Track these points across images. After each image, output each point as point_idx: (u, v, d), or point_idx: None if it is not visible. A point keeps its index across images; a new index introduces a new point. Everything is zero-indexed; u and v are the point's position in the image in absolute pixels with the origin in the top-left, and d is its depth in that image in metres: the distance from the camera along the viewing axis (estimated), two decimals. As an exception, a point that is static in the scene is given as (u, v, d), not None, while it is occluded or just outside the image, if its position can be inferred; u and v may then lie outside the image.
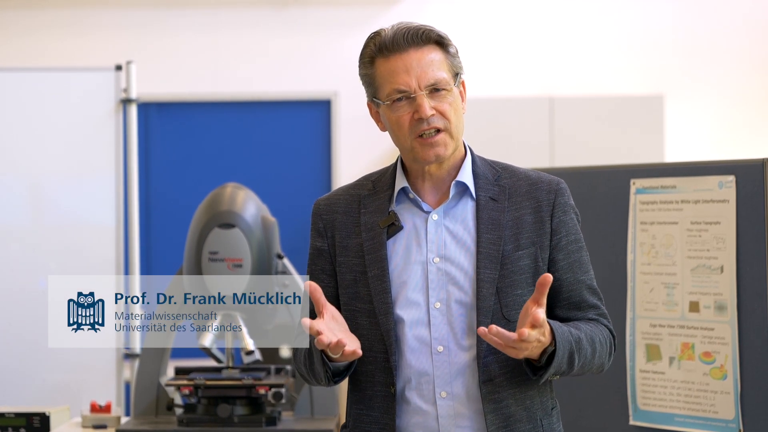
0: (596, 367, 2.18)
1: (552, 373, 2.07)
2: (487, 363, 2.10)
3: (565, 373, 2.10)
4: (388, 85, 2.12)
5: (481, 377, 2.09)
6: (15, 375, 4.43)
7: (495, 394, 2.10)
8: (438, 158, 2.12)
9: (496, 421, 2.10)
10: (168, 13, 6.54)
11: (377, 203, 2.19)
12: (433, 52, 2.12)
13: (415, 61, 2.11)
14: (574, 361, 2.09)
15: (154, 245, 6.44)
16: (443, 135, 2.12)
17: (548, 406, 2.18)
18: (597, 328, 2.17)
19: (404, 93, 2.11)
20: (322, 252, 2.22)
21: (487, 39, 6.47)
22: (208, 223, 3.35)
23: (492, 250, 2.11)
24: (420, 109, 2.10)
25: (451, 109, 2.12)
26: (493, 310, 2.09)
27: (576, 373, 2.14)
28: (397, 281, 2.13)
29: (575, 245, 2.17)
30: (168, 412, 3.42)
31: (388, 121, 2.15)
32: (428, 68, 2.11)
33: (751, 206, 2.81)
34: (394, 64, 2.11)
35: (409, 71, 2.10)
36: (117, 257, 4.49)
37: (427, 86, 2.10)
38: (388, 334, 2.11)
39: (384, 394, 2.14)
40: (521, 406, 2.12)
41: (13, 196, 4.54)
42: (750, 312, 2.80)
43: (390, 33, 2.13)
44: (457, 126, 2.14)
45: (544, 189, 2.16)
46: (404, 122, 2.12)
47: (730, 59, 6.48)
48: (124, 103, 4.53)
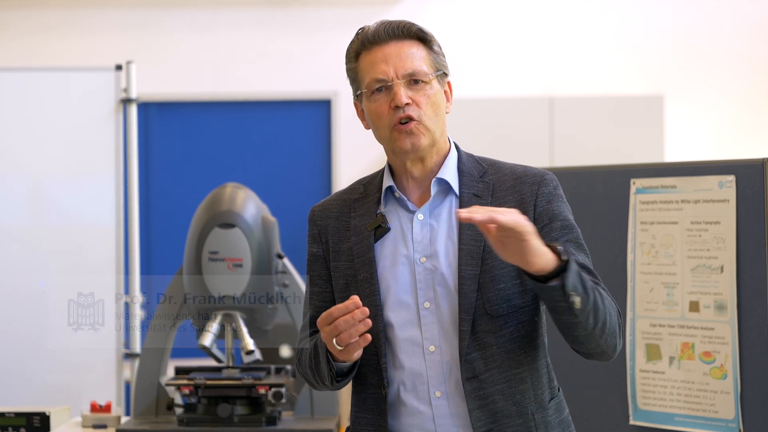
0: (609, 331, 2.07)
1: (573, 282, 1.96)
2: (470, 360, 2.08)
3: (584, 297, 1.98)
4: (367, 76, 2.14)
5: (464, 374, 2.08)
6: (15, 375, 4.43)
7: (480, 391, 2.08)
8: (414, 147, 2.12)
9: (483, 417, 2.08)
10: (168, 13, 6.54)
11: (366, 206, 2.20)
12: (414, 47, 2.14)
13: (395, 52, 2.13)
14: (586, 283, 2.01)
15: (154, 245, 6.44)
16: (416, 125, 2.11)
17: (544, 398, 2.15)
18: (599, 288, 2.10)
19: (382, 82, 2.12)
20: (318, 258, 2.24)
21: (487, 39, 6.48)
22: (208, 222, 3.35)
23: (473, 247, 2.10)
24: (396, 97, 2.10)
25: (428, 101, 2.12)
26: (475, 306, 2.08)
27: (591, 309, 2.01)
28: (386, 283, 2.13)
29: (560, 231, 2.12)
30: (168, 411, 3.42)
31: (368, 114, 2.17)
32: (407, 59, 2.12)
33: (751, 206, 2.81)
34: (374, 56, 2.14)
35: (387, 61, 2.12)
36: (117, 257, 4.48)
37: (404, 75, 2.11)
38: (378, 336, 2.11)
39: (376, 396, 2.14)
40: (510, 401, 2.10)
41: (13, 196, 4.54)
42: (750, 312, 2.80)
43: (372, 27, 2.16)
44: (433, 119, 2.13)
45: (528, 182, 2.15)
46: (382, 111, 2.12)
47: (730, 59, 6.48)
48: (124, 103, 4.53)
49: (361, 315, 1.98)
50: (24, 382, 4.43)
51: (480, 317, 2.09)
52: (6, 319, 4.45)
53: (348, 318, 1.98)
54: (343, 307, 1.99)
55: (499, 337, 2.10)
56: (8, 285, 4.46)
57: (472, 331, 2.08)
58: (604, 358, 2.14)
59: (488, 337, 2.10)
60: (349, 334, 1.99)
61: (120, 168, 4.51)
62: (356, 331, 1.99)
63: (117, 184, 4.50)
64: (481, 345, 2.09)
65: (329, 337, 2.02)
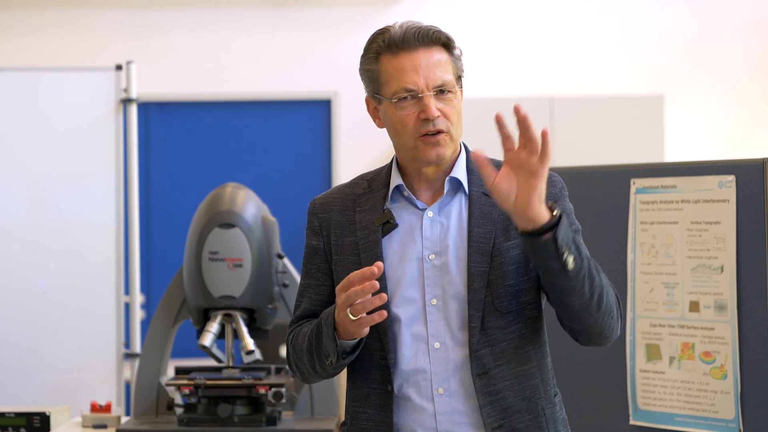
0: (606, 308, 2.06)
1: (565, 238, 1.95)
2: (480, 356, 2.09)
3: (577, 258, 1.98)
4: (395, 83, 2.12)
5: (475, 370, 2.09)
6: (15, 375, 4.43)
7: (490, 387, 2.09)
8: (438, 158, 2.13)
9: (494, 413, 2.09)
10: (168, 12, 6.54)
11: (372, 201, 2.20)
12: (440, 53, 2.13)
13: (424, 60, 2.11)
14: (580, 246, 2.00)
15: (154, 245, 6.44)
16: (444, 136, 2.12)
17: (551, 393, 2.17)
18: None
19: (412, 92, 2.11)
20: (317, 250, 2.23)
21: (487, 39, 6.48)
22: (209, 222, 3.35)
23: (483, 244, 2.11)
24: (427, 110, 2.10)
25: (455, 112, 2.13)
26: (484, 303, 2.09)
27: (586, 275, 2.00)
28: (393, 278, 2.14)
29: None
30: (168, 411, 3.42)
31: (390, 119, 2.15)
32: (436, 69, 2.11)
33: (751, 206, 2.81)
34: (402, 62, 2.11)
35: (417, 70, 2.10)
36: (117, 257, 4.48)
37: (434, 87, 2.11)
38: (385, 332, 2.12)
39: (381, 392, 2.14)
40: (520, 397, 2.11)
41: (13, 196, 4.54)
42: (750, 312, 2.80)
43: (399, 31, 2.13)
44: (458, 129, 2.15)
45: None
46: (409, 121, 2.12)
47: (730, 59, 6.48)
48: (125, 103, 4.53)
49: (371, 288, 1.97)
50: (24, 382, 4.43)
51: (489, 314, 2.10)
52: (6, 319, 4.45)
53: (358, 290, 1.98)
54: (360, 274, 1.99)
55: (508, 333, 2.12)
56: (8, 285, 4.46)
57: (481, 328, 2.10)
58: (602, 340, 2.14)
59: (497, 333, 2.11)
60: (363, 305, 1.99)
61: (120, 168, 4.50)
62: (371, 304, 1.99)
63: (117, 184, 4.50)
64: (490, 341, 2.10)
65: (344, 305, 2.01)
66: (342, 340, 2.07)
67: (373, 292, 1.99)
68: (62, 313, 4.46)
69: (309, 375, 2.20)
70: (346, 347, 2.09)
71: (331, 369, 2.14)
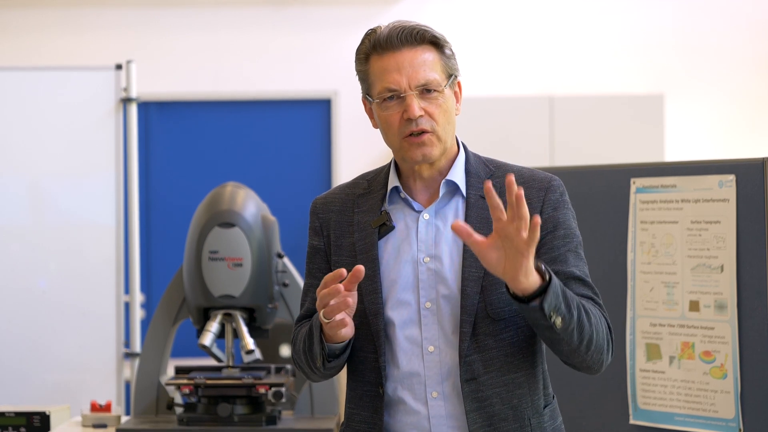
0: (595, 348, 2.07)
1: (553, 304, 1.95)
2: (470, 361, 2.08)
3: (566, 317, 1.99)
4: (379, 83, 2.12)
5: (464, 375, 2.08)
6: (15, 375, 4.43)
7: (479, 393, 2.09)
8: (425, 158, 2.12)
9: (479, 420, 2.09)
10: (168, 12, 6.54)
11: (370, 203, 2.19)
12: (426, 53, 2.12)
13: (408, 60, 2.10)
14: (570, 302, 2.00)
15: (154, 245, 6.44)
16: (429, 136, 2.11)
17: (540, 404, 2.15)
18: (588, 303, 2.10)
19: (394, 92, 2.10)
20: (318, 250, 2.24)
21: (487, 39, 6.48)
22: (209, 222, 3.35)
23: None
24: (409, 110, 2.09)
25: (441, 111, 2.11)
26: (477, 308, 2.08)
27: (575, 328, 2.01)
28: (388, 281, 2.13)
29: (562, 240, 2.13)
30: (168, 411, 3.42)
31: (378, 119, 2.16)
32: (420, 68, 2.10)
33: (751, 206, 2.81)
34: (386, 63, 2.11)
35: (400, 70, 2.10)
36: (117, 257, 4.48)
37: (417, 86, 2.10)
38: (378, 334, 2.12)
39: (373, 394, 2.14)
40: (507, 405, 2.10)
41: (13, 196, 4.54)
42: (750, 311, 2.80)
43: (385, 31, 2.12)
44: (446, 128, 2.13)
45: (535, 187, 2.15)
46: (393, 121, 2.11)
47: (730, 59, 6.48)
48: (124, 103, 4.53)
49: (335, 291, 1.97)
50: (24, 381, 4.43)
51: (481, 320, 2.09)
52: (6, 319, 4.45)
53: (325, 292, 1.99)
54: (332, 276, 1.99)
55: (500, 340, 2.10)
56: (8, 285, 4.46)
57: (472, 333, 2.09)
58: (590, 372, 2.15)
59: (488, 340, 2.10)
60: (331, 308, 2.00)
61: (120, 168, 4.50)
62: (338, 306, 1.99)
63: (117, 183, 4.50)
64: (481, 347, 2.09)
65: (319, 308, 2.02)
66: (329, 343, 2.08)
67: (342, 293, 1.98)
68: (62, 312, 4.46)
69: (310, 374, 2.21)
70: (333, 350, 2.09)
71: (325, 370, 2.14)
